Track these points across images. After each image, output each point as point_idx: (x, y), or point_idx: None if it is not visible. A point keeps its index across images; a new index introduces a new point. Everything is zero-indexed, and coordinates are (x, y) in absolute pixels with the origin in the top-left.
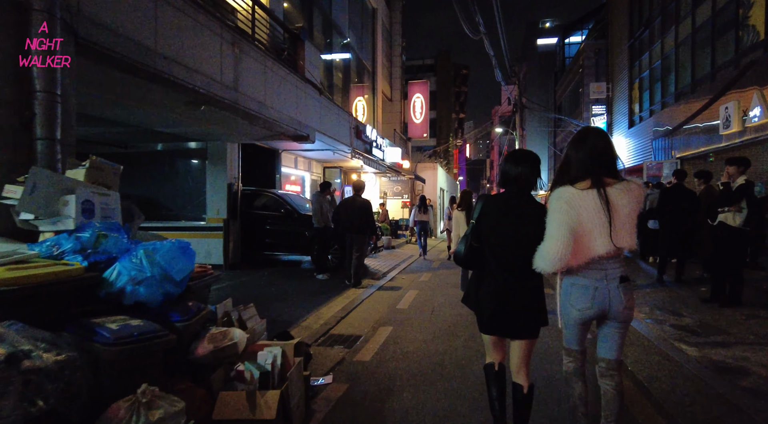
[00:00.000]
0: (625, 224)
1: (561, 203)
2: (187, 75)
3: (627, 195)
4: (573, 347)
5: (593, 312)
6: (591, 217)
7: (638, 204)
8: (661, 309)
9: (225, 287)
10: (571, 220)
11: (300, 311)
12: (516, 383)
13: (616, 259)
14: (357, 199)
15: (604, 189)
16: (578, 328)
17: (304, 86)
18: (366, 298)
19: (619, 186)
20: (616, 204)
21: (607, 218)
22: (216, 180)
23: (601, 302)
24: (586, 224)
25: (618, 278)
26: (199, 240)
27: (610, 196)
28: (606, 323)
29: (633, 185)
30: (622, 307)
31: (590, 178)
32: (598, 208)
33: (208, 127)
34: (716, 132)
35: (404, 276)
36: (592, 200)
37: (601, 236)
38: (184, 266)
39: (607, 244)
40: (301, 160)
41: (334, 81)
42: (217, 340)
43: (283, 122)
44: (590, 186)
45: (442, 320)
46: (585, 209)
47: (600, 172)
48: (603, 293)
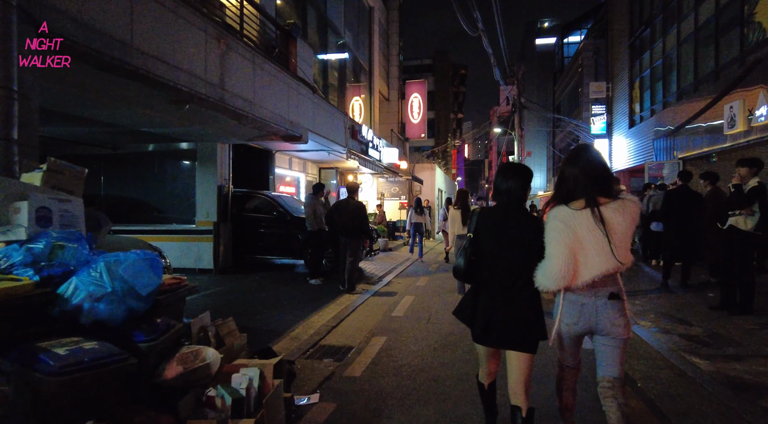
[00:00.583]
0: (621, 242)
1: (557, 223)
2: (168, 72)
3: (622, 214)
4: (566, 362)
5: (579, 328)
6: (588, 236)
7: (633, 222)
8: (668, 317)
9: (212, 294)
10: (568, 239)
11: (290, 319)
12: (514, 405)
13: (608, 277)
14: (351, 202)
15: (598, 209)
16: (569, 343)
17: (296, 85)
18: (360, 305)
19: (614, 205)
20: (611, 223)
21: (605, 236)
22: (206, 182)
23: (587, 319)
24: (583, 244)
25: (606, 295)
26: (189, 244)
27: (604, 216)
28: (598, 339)
29: (628, 203)
30: (609, 324)
31: (584, 199)
32: (592, 228)
33: (196, 128)
34: (720, 132)
35: (400, 280)
36: (586, 219)
37: (598, 255)
38: (151, 280)
39: (608, 261)
40: (295, 161)
41: (330, 80)
42: (188, 360)
43: (274, 122)
44: (584, 206)
45: (438, 328)
46: (580, 228)
47: (594, 191)
48: (590, 309)
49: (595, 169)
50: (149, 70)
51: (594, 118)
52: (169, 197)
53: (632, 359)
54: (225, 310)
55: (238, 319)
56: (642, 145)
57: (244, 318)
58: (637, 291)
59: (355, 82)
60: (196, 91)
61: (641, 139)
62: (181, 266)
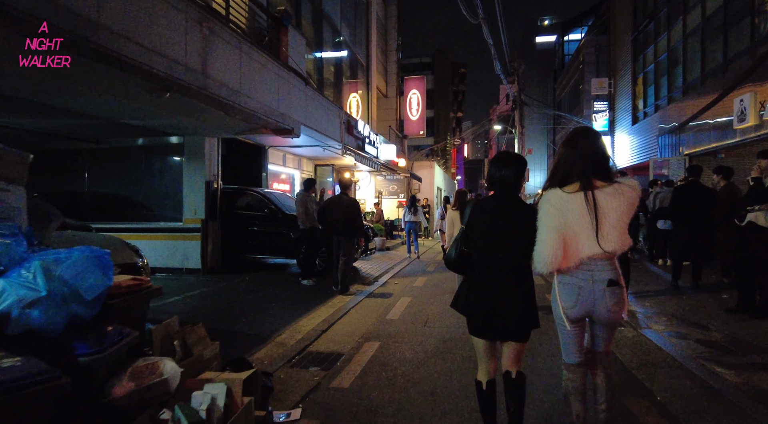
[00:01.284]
0: (615, 227)
1: (548, 207)
2: (143, 55)
3: (617, 198)
4: (572, 359)
5: (577, 311)
6: (578, 220)
7: (630, 207)
8: (682, 320)
9: (197, 295)
10: (558, 223)
11: (277, 322)
12: (506, 370)
13: (605, 261)
14: (343, 198)
15: (592, 192)
16: (570, 332)
17: (287, 75)
18: (353, 307)
19: (609, 189)
20: (604, 207)
21: (594, 222)
22: (193, 178)
23: (585, 302)
24: (574, 227)
25: (605, 281)
26: (176, 242)
27: (598, 200)
28: (593, 324)
29: (625, 188)
30: (606, 310)
31: (579, 181)
32: (584, 212)
33: (181, 119)
34: (729, 127)
35: (397, 281)
36: (579, 203)
37: (588, 239)
38: (99, 281)
39: (593, 246)
40: (290, 157)
41: (326, 75)
42: (143, 375)
43: (263, 113)
44: (579, 189)
45: (436, 333)
46: (572, 212)
47: (590, 174)
48: (587, 294)
49: (593, 152)
50: (120, 51)
51: (596, 115)
52: (156, 194)
53: (648, 368)
54: (208, 312)
55: (221, 323)
56: (645, 142)
57: (227, 322)
58: (646, 292)
59: (352, 78)
60: (175, 78)
61: (645, 135)
62: (168, 265)
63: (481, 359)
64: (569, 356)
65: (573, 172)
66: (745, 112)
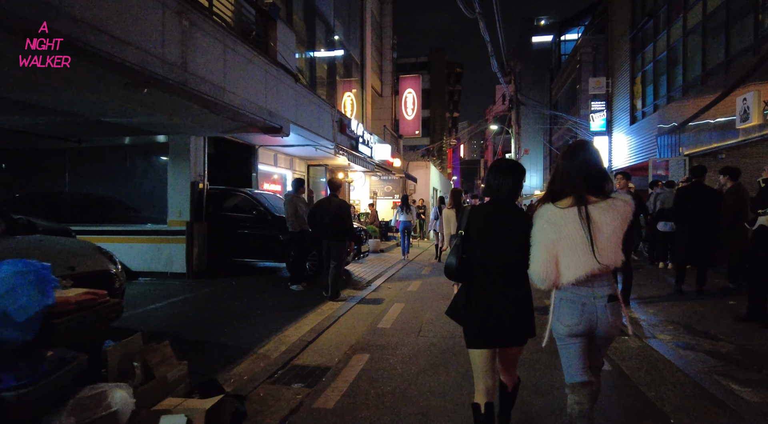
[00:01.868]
0: (609, 242)
1: (543, 223)
2: (114, 46)
3: (611, 213)
4: (576, 379)
5: (581, 329)
6: (572, 235)
7: (624, 221)
8: (689, 329)
9: (179, 302)
10: (550, 240)
11: (261, 332)
12: (501, 382)
13: (604, 277)
14: (333, 200)
15: (585, 207)
16: (573, 350)
17: (276, 72)
18: (343, 314)
19: (603, 204)
20: (598, 222)
21: (588, 237)
22: (178, 178)
23: (588, 319)
24: (568, 243)
25: (606, 297)
26: (160, 245)
27: (591, 215)
28: (590, 339)
29: (618, 202)
30: (608, 326)
31: (573, 196)
32: (578, 227)
33: (163, 117)
34: (731, 126)
35: (390, 285)
36: (572, 219)
37: (584, 255)
38: (33, 300)
39: (590, 262)
40: (281, 157)
41: (319, 73)
42: (87, 409)
43: (250, 111)
44: (572, 204)
45: (430, 344)
46: (565, 228)
47: (585, 189)
48: (590, 310)
49: (589, 167)
50: (86, 41)
51: (593, 115)
52: (140, 195)
53: (658, 384)
54: (189, 321)
55: (201, 333)
56: (644, 143)
57: (209, 332)
58: (649, 297)
59: (346, 77)
60: (150, 71)
61: (643, 136)
62: (152, 269)
63: (479, 376)
64: (574, 375)
65: (568, 186)
66: (748, 112)
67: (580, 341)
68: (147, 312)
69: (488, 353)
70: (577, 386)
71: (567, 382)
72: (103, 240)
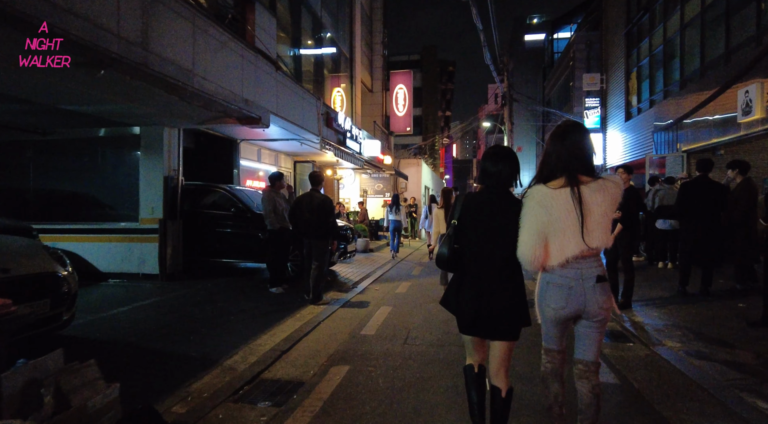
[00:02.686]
0: (599, 224)
1: (533, 204)
2: (55, 16)
3: (602, 194)
4: (552, 346)
5: (567, 312)
6: (563, 217)
7: (613, 203)
8: (700, 336)
9: (147, 306)
10: (541, 222)
11: (232, 340)
12: (494, 386)
13: (592, 258)
14: (315, 196)
15: (578, 188)
16: (555, 327)
17: (253, 58)
18: (325, 319)
19: (594, 185)
20: (589, 203)
21: (579, 218)
22: (150, 173)
23: (576, 302)
24: (559, 224)
25: (594, 278)
26: (132, 245)
27: (583, 195)
28: (581, 322)
29: (609, 184)
30: (597, 307)
31: (565, 176)
32: (570, 208)
33: (128, 105)
34: (732, 121)
35: (378, 287)
36: (564, 199)
37: (574, 236)
38: None
39: (580, 244)
40: (265, 152)
41: (305, 66)
42: None
43: (224, 99)
44: (564, 184)
45: (417, 355)
46: (557, 209)
47: (576, 169)
48: (578, 293)
49: (581, 147)
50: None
51: (587, 112)
52: (110, 191)
53: (673, 400)
54: (154, 327)
55: (165, 341)
56: (639, 139)
57: (174, 340)
58: (652, 299)
59: (334, 71)
60: (100, 47)
61: (638, 132)
62: (123, 270)
63: (470, 352)
64: (551, 343)
65: (559, 167)
66: (751, 105)
67: (562, 326)
68: (109, 317)
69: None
70: (550, 351)
71: (543, 345)
72: (71, 239)
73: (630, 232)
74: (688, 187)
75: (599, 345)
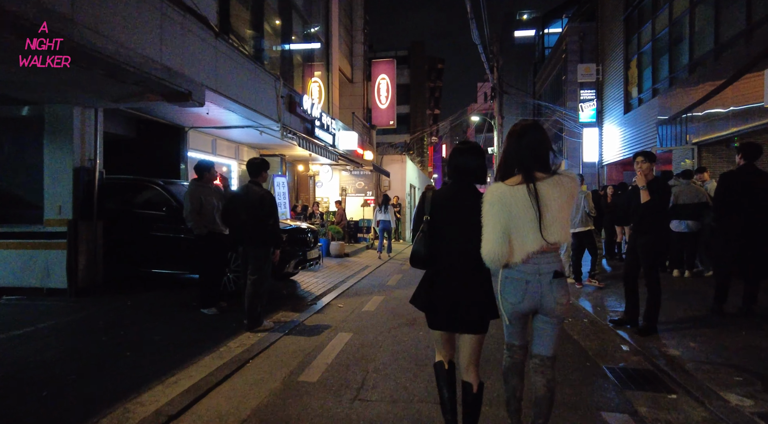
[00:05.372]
0: (556, 218)
1: (493, 202)
2: None
3: (558, 189)
4: (512, 341)
5: (524, 306)
6: (522, 213)
7: (570, 198)
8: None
9: (33, 333)
10: (503, 220)
11: (112, 392)
12: (465, 382)
13: (550, 254)
14: (252, 190)
15: (534, 184)
16: (514, 322)
17: (180, 17)
18: (257, 355)
19: (550, 180)
20: (546, 198)
21: (536, 214)
22: (57, 163)
23: (532, 297)
24: (518, 221)
25: (551, 273)
26: (33, 252)
27: (540, 191)
28: (538, 317)
29: (565, 179)
30: (554, 303)
31: (521, 173)
32: (528, 205)
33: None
34: (756, 108)
35: (342, 303)
36: (522, 196)
37: (532, 232)
38: None
39: (538, 239)
40: (222, 143)
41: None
42: None
43: (131, 63)
44: (521, 181)
45: (371, 415)
46: (516, 206)
47: (533, 166)
48: (535, 288)
49: (537, 145)
50: None
51: (582, 105)
52: (6, 186)
53: None
54: (19, 369)
55: (18, 392)
56: (640, 133)
57: (32, 389)
58: (680, 321)
59: (308, 58)
60: None
61: (639, 125)
62: (23, 284)
63: (439, 347)
64: (512, 338)
65: (518, 162)
66: None
67: (520, 322)
68: None
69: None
70: (512, 346)
71: (506, 341)
72: None
73: (653, 237)
74: (732, 177)
75: (556, 340)
